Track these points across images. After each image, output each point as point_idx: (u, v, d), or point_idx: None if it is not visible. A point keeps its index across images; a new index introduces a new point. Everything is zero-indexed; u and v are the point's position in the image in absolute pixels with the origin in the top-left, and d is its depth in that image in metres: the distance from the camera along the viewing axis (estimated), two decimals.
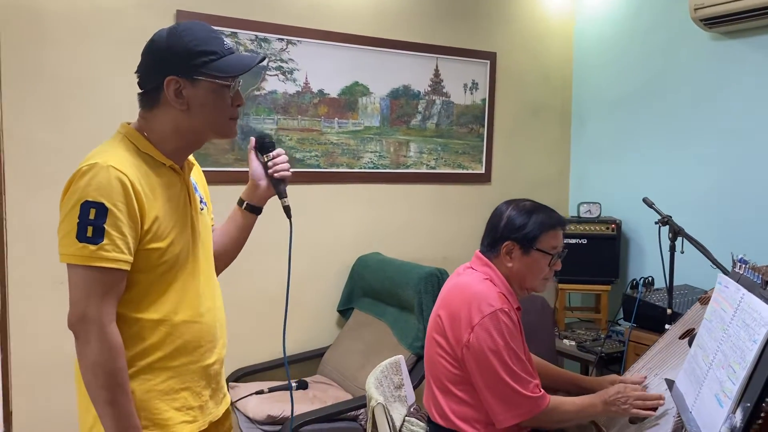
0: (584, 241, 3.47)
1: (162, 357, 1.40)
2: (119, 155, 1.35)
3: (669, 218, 2.35)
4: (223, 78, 1.39)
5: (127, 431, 1.31)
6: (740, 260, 1.62)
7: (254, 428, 2.48)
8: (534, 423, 1.74)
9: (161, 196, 1.39)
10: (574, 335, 3.36)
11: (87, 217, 1.28)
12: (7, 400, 2.48)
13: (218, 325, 1.54)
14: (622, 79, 3.58)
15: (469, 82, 3.50)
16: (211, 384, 1.51)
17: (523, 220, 1.82)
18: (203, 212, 1.56)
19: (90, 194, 1.28)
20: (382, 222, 3.31)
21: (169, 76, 1.37)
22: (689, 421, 1.46)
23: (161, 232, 1.38)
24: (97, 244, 1.28)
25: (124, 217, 1.30)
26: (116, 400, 1.30)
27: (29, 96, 2.47)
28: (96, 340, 1.29)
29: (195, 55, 1.36)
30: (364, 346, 2.91)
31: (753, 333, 1.32)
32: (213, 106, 1.41)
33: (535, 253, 1.81)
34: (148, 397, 1.39)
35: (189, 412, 1.44)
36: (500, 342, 1.68)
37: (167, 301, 1.41)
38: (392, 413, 1.97)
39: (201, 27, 1.42)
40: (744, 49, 2.98)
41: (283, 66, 2.95)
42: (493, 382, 1.69)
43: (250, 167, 1.64)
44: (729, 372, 1.37)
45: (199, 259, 1.49)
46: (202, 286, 1.49)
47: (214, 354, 1.51)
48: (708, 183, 3.15)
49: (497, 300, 1.73)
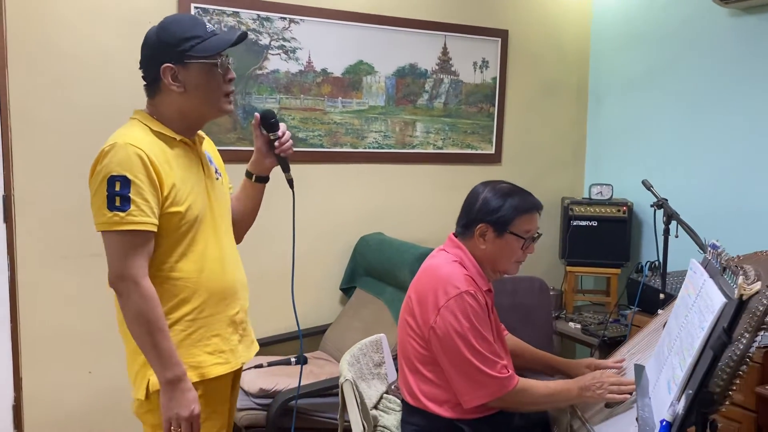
0: (595, 223, 3.42)
1: (191, 310, 1.60)
2: (135, 135, 1.55)
3: (664, 201, 2.29)
4: (208, 57, 1.57)
5: (171, 367, 1.52)
6: (712, 246, 1.58)
7: (248, 400, 2.55)
8: (501, 404, 1.74)
9: (176, 166, 1.58)
10: (580, 318, 3.33)
11: (114, 189, 1.47)
12: (18, 368, 2.61)
13: (239, 278, 1.74)
14: (640, 56, 3.47)
15: (479, 60, 3.45)
16: (238, 330, 1.71)
17: (498, 202, 1.81)
18: (218, 181, 1.75)
19: (114, 169, 1.48)
20: (387, 202, 3.32)
21: (164, 64, 1.56)
22: (644, 406, 1.45)
23: (179, 198, 1.57)
24: (126, 211, 1.48)
25: (146, 186, 1.50)
26: (158, 343, 1.51)
27: (36, 75, 2.55)
28: (135, 293, 1.49)
29: (182, 41, 1.56)
30: (363, 324, 2.94)
31: (703, 320, 1.30)
32: (206, 85, 1.59)
33: (508, 236, 1.80)
34: (184, 344, 1.59)
35: (221, 355, 1.65)
36: (465, 324, 1.69)
37: (192, 261, 1.60)
38: (369, 390, 2.01)
39: (184, 17, 1.66)
40: (762, 24, 2.86)
41: (286, 45, 2.97)
42: (459, 363, 1.70)
43: (256, 143, 1.79)
44: (680, 358, 1.35)
45: (216, 221, 1.68)
46: (225, 247, 1.70)
47: (237, 305, 1.71)
48: (726, 163, 3.04)
49: (463, 282, 1.74)
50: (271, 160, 1.80)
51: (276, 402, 2.44)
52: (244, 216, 1.86)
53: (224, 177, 1.83)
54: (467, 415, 1.74)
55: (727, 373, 1.45)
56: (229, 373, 1.69)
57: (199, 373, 1.61)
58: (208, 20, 2.77)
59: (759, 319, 1.49)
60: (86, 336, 2.69)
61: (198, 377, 1.60)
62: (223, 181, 1.80)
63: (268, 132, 1.75)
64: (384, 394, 2.07)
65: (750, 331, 1.48)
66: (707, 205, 3.10)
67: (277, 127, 1.75)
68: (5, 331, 2.57)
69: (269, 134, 1.75)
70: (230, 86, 1.64)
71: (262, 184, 1.84)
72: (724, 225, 3.02)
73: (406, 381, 1.84)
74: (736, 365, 1.44)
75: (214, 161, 1.79)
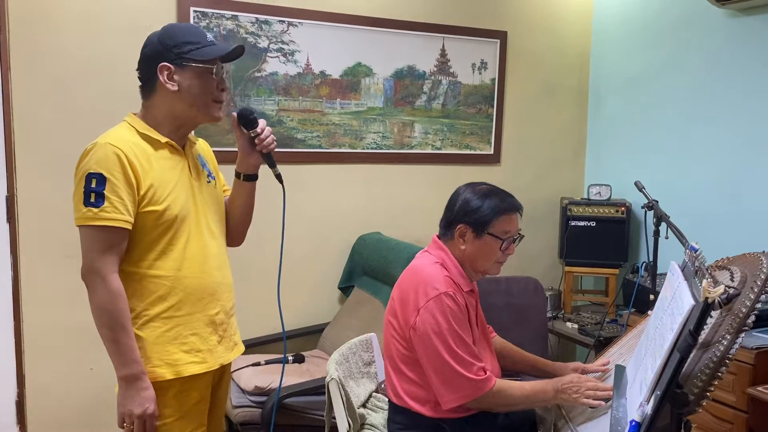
0: (593, 223, 3.43)
1: (168, 307, 1.64)
2: (118, 135, 1.62)
3: (655, 203, 2.31)
4: (205, 62, 1.64)
5: (129, 364, 1.56)
6: (691, 248, 1.59)
7: (243, 397, 2.59)
8: (479, 405, 1.76)
9: (157, 167, 1.63)
10: (578, 318, 3.34)
11: (90, 186, 1.54)
12: (21, 365, 2.67)
13: (222, 281, 1.76)
14: (641, 56, 3.48)
15: (477, 61, 3.47)
16: (218, 331, 1.74)
17: (476, 203, 1.82)
18: (210, 184, 1.80)
19: (92, 167, 1.55)
20: (385, 202, 3.35)
21: (161, 63, 1.62)
22: (619, 406, 1.47)
23: (157, 198, 1.61)
24: (99, 207, 1.54)
25: (121, 184, 1.55)
26: (117, 338, 1.55)
27: (38, 77, 2.61)
28: (100, 287, 1.55)
29: (181, 44, 1.63)
30: (360, 323, 2.97)
31: (674, 322, 1.32)
32: (199, 88, 1.65)
33: (486, 236, 1.82)
34: (161, 341, 1.63)
35: (198, 354, 1.68)
36: (444, 325, 1.71)
37: (171, 259, 1.64)
38: (358, 388, 2.04)
39: (188, 25, 1.75)
40: (759, 25, 2.86)
41: (284, 48, 3.01)
42: (437, 364, 1.72)
43: (238, 142, 1.80)
44: (653, 360, 1.37)
45: (201, 223, 1.72)
46: (208, 247, 1.72)
47: (217, 305, 1.73)
48: (724, 164, 3.04)
49: (443, 283, 1.76)
50: (255, 158, 1.81)
51: (270, 399, 2.48)
52: (239, 216, 1.89)
53: (219, 180, 1.87)
54: (449, 415, 1.77)
55: (707, 374, 1.47)
56: (207, 373, 1.71)
57: (175, 371, 1.63)
58: (207, 23, 2.83)
59: (741, 321, 1.51)
60: (88, 333, 2.70)
61: (173, 374, 1.63)
62: (216, 183, 1.84)
63: (248, 129, 1.76)
64: (373, 393, 2.11)
65: (731, 332, 1.50)
66: (706, 205, 3.10)
67: (255, 124, 1.76)
68: (9, 328, 2.64)
69: (249, 132, 1.76)
70: (222, 95, 1.69)
71: (252, 183, 1.87)
72: (723, 225, 3.02)
73: (391, 380, 1.87)
74: (716, 366, 1.46)
75: (208, 165, 1.83)
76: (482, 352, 1.84)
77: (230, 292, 1.81)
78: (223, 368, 1.80)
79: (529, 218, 3.61)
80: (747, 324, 1.49)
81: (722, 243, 2.92)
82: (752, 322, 1.48)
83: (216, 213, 1.80)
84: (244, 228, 1.94)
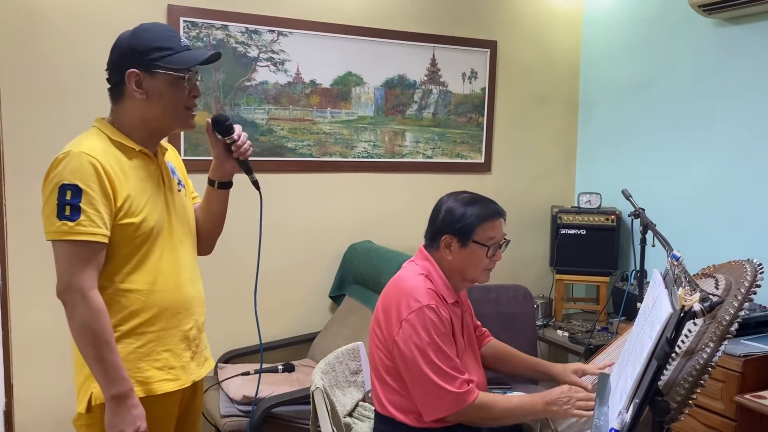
0: (583, 231, 3.44)
1: (142, 323, 1.58)
2: (91, 143, 1.54)
3: (641, 211, 2.32)
4: (177, 70, 1.56)
5: (116, 382, 1.49)
6: (673, 256, 1.60)
7: (232, 407, 2.59)
8: (461, 418, 1.75)
9: (132, 177, 1.57)
10: (569, 326, 3.34)
11: (64, 197, 1.46)
12: (9, 374, 2.66)
13: (196, 295, 1.71)
14: (631, 66, 3.50)
15: (467, 71, 3.49)
16: (191, 347, 1.68)
17: (460, 212, 1.82)
18: (181, 193, 1.73)
19: (66, 178, 1.47)
20: (376, 211, 3.36)
21: (130, 69, 1.55)
22: (600, 414, 1.47)
23: (134, 209, 1.55)
24: (75, 221, 1.46)
25: (98, 196, 1.48)
26: (104, 356, 1.48)
27: (26, 87, 2.61)
28: (81, 304, 1.48)
29: (152, 50, 1.55)
30: (350, 331, 2.97)
31: (652, 330, 1.32)
32: (169, 96, 1.58)
33: (472, 245, 1.81)
34: (132, 358, 1.56)
35: (171, 372, 1.62)
36: (425, 338, 1.70)
37: (145, 272, 1.58)
38: (344, 397, 2.04)
39: (160, 27, 1.62)
40: (745, 34, 2.88)
41: (274, 57, 3.02)
42: (418, 377, 1.72)
43: (213, 150, 1.74)
44: (632, 368, 1.37)
45: (174, 234, 1.65)
46: (182, 259, 1.67)
47: (191, 320, 1.68)
48: (712, 172, 3.05)
49: (425, 296, 1.75)
50: (231, 165, 1.75)
51: (259, 409, 2.48)
52: (211, 224, 1.82)
53: (188, 188, 1.81)
54: (433, 425, 1.76)
55: (690, 382, 1.47)
56: (178, 391, 1.65)
57: (146, 389, 1.57)
58: (197, 33, 2.84)
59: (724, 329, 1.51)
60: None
61: (144, 393, 1.56)
62: (186, 192, 1.77)
63: (223, 136, 1.70)
64: (360, 402, 2.10)
65: (715, 340, 1.51)
66: (693, 213, 3.12)
67: (231, 130, 1.69)
68: None
69: (224, 138, 1.70)
70: (193, 102, 1.63)
71: (227, 190, 1.80)
72: (710, 233, 3.03)
73: (376, 390, 1.86)
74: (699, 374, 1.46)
75: (177, 172, 1.76)
76: (468, 363, 1.83)
77: (202, 306, 1.75)
78: (195, 385, 1.73)
79: (519, 226, 3.67)
80: (730, 332, 1.49)
81: (709, 251, 2.93)
82: (735, 329, 1.48)
83: (189, 224, 1.74)
84: (214, 237, 1.87)
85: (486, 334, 2.16)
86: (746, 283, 1.58)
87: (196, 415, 1.80)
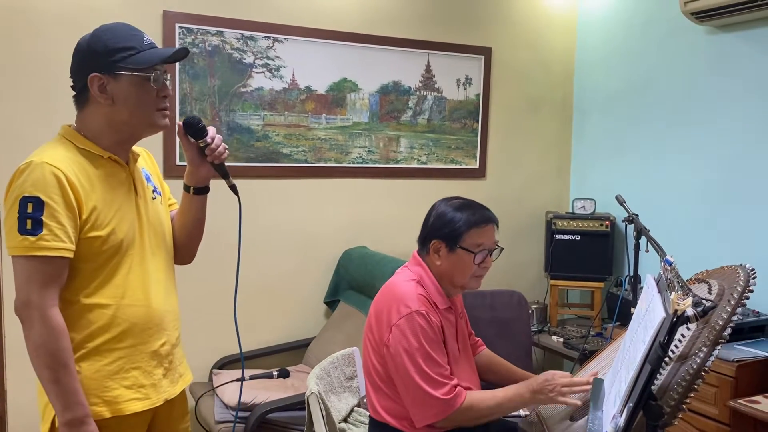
0: (577, 237, 3.45)
1: (110, 339, 1.49)
2: (55, 153, 1.45)
3: (635, 217, 2.33)
4: (141, 70, 1.48)
5: (72, 407, 1.40)
6: (666, 261, 1.61)
7: (227, 413, 2.58)
8: (450, 423, 1.74)
9: (100, 188, 1.48)
10: (563, 332, 3.35)
11: (25, 211, 1.38)
12: (2, 381, 2.65)
13: (169, 309, 1.61)
14: (624, 72, 3.52)
15: (462, 77, 3.51)
16: (163, 363, 1.59)
17: (449, 217, 1.82)
18: (156, 201, 1.64)
19: (27, 190, 1.39)
20: (371, 216, 3.37)
21: (92, 73, 1.47)
22: (594, 419, 1.48)
23: (101, 221, 1.47)
24: (36, 235, 1.38)
25: (61, 209, 1.40)
26: (60, 379, 1.40)
27: (18, 90, 2.61)
28: (38, 323, 1.39)
29: (114, 51, 1.47)
30: (345, 337, 2.97)
31: (646, 334, 1.33)
32: (136, 99, 1.49)
33: (459, 250, 1.80)
34: (98, 377, 1.48)
35: (140, 390, 1.53)
36: (414, 344, 1.70)
37: (113, 286, 1.49)
38: (339, 403, 2.04)
39: (121, 26, 1.53)
40: (737, 42, 2.91)
41: (270, 63, 3.03)
42: (407, 383, 1.71)
43: (186, 154, 1.65)
44: (626, 372, 1.38)
45: (146, 246, 1.57)
46: (153, 272, 1.58)
47: (163, 336, 1.59)
48: (704, 177, 3.07)
49: (415, 302, 1.75)
50: (207, 169, 1.65)
51: (254, 415, 2.47)
52: (189, 232, 1.73)
53: (164, 194, 1.72)
54: (426, 431, 1.76)
55: (683, 387, 1.48)
56: (149, 410, 1.55)
57: (114, 409, 1.49)
58: (193, 39, 2.85)
59: (717, 334, 1.52)
60: None
61: (111, 413, 1.48)
62: (162, 199, 1.69)
63: (196, 140, 1.61)
64: (355, 408, 2.10)
65: (708, 345, 1.52)
66: (687, 219, 3.14)
67: (205, 132, 1.60)
68: None
69: (198, 142, 1.61)
70: (164, 102, 1.54)
71: (204, 196, 1.71)
72: (704, 239, 3.05)
73: (369, 395, 1.86)
74: (692, 379, 1.47)
75: (152, 178, 1.68)
76: (461, 368, 1.83)
77: (176, 321, 1.66)
78: (170, 403, 1.62)
79: (514, 232, 3.68)
80: (723, 336, 1.50)
81: (702, 256, 2.95)
82: (728, 334, 1.50)
83: (164, 234, 1.65)
84: (194, 245, 1.77)
85: (479, 344, 2.15)
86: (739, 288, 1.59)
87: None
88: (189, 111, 2.87)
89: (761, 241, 2.80)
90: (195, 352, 2.88)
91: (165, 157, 2.84)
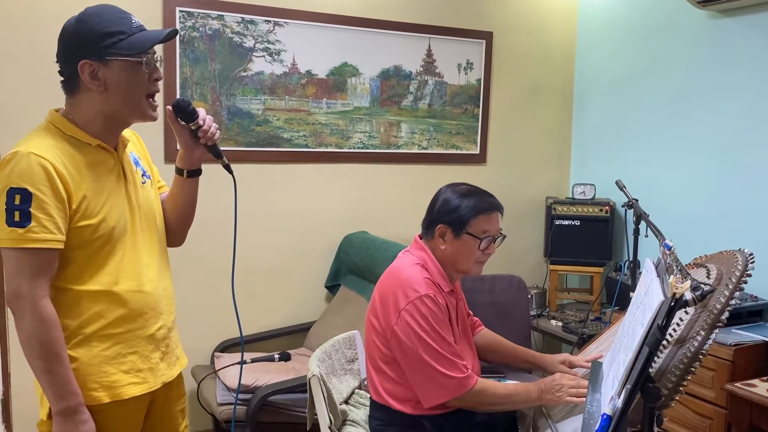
0: (577, 222, 3.47)
1: (106, 325, 1.50)
2: (41, 141, 1.43)
3: (635, 202, 2.34)
4: (132, 55, 1.45)
5: (65, 397, 1.42)
6: (665, 246, 1.62)
7: (229, 395, 2.61)
8: (460, 403, 1.78)
9: (89, 176, 1.47)
10: (562, 316, 3.37)
11: (13, 202, 1.36)
12: (6, 363, 2.67)
13: (163, 293, 1.62)
14: (626, 58, 3.52)
15: (463, 62, 3.50)
16: (160, 347, 1.60)
17: (455, 203, 1.84)
18: (146, 185, 1.63)
19: (13, 181, 1.37)
20: (371, 201, 3.38)
21: (82, 60, 1.44)
22: (593, 401, 1.50)
23: (91, 210, 1.46)
24: (25, 227, 1.37)
25: (50, 199, 1.39)
26: (52, 369, 1.41)
27: (19, 78, 2.61)
28: (29, 314, 1.39)
29: (103, 36, 1.44)
30: (346, 321, 2.99)
31: (644, 317, 1.34)
32: (128, 84, 1.47)
33: (465, 236, 1.83)
34: (96, 362, 1.49)
35: (138, 374, 1.54)
36: (425, 326, 1.72)
37: (107, 273, 1.49)
38: (341, 385, 2.06)
39: (109, 9, 1.49)
40: (739, 27, 2.90)
41: (270, 47, 3.02)
42: (418, 364, 1.74)
43: (179, 138, 1.64)
44: (624, 355, 1.39)
45: (138, 232, 1.57)
46: (145, 257, 1.58)
47: (160, 320, 1.59)
48: (705, 163, 3.08)
49: (423, 285, 1.77)
50: (200, 152, 1.65)
51: (255, 397, 2.50)
52: (181, 215, 1.72)
53: (153, 177, 1.71)
54: (429, 412, 1.78)
55: (680, 369, 1.50)
56: (146, 394, 1.56)
57: (112, 394, 1.50)
58: (193, 23, 2.84)
59: (715, 317, 1.54)
60: None
61: (110, 398, 1.49)
62: (151, 183, 1.67)
63: (187, 122, 1.59)
64: (356, 390, 2.13)
65: (706, 328, 1.53)
66: (686, 204, 3.14)
67: (195, 115, 1.59)
68: None
69: (189, 124, 1.59)
70: (155, 86, 1.52)
71: (196, 179, 1.70)
72: (703, 224, 3.06)
73: (371, 379, 1.88)
74: (690, 362, 1.49)
75: (141, 162, 1.66)
76: (463, 350, 1.86)
77: (172, 305, 1.66)
78: (167, 386, 1.64)
79: (514, 217, 3.69)
80: (721, 320, 1.51)
81: (701, 241, 2.96)
82: (726, 318, 1.51)
83: (155, 218, 1.64)
84: (185, 227, 1.76)
85: (477, 324, 2.18)
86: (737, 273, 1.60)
87: (174, 419, 1.71)
88: (190, 95, 2.87)
89: (760, 226, 2.81)
90: (197, 335, 2.92)
91: (165, 143, 2.84)
